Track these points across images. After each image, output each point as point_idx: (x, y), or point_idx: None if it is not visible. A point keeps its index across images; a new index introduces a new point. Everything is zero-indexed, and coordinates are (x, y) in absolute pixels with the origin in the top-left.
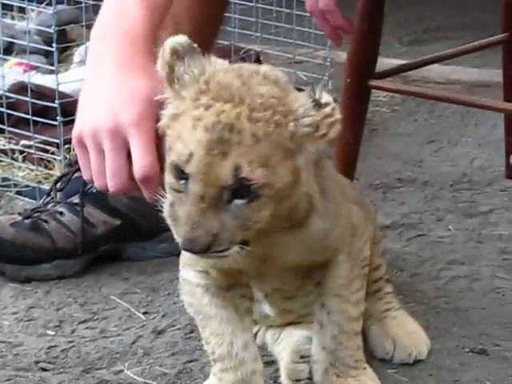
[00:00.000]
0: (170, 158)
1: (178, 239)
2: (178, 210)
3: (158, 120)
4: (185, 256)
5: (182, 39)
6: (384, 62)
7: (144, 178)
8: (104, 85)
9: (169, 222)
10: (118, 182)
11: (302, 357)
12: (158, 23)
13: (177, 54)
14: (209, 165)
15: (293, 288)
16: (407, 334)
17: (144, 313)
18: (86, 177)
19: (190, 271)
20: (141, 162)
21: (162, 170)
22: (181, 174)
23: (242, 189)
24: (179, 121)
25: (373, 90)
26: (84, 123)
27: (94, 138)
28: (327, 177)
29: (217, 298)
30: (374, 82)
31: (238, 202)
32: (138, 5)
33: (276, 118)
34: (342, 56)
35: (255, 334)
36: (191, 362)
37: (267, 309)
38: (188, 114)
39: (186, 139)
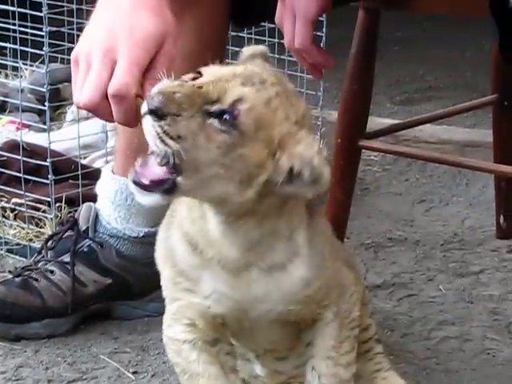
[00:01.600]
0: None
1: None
2: None
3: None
4: (171, 311)
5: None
6: (375, 121)
7: (115, 94)
8: (109, 16)
9: None
10: (92, 95)
11: None
12: None
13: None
14: (226, 80)
15: (284, 349)
16: None
17: (134, 372)
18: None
19: (175, 327)
20: (118, 79)
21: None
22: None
23: (228, 116)
24: None
25: (364, 150)
26: (82, 44)
27: (88, 56)
28: (318, 230)
29: (204, 353)
30: (364, 143)
31: (214, 122)
32: None
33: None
34: (334, 115)
35: None
36: None
37: (258, 369)
38: None
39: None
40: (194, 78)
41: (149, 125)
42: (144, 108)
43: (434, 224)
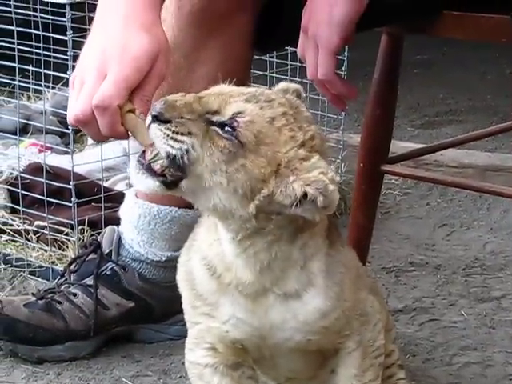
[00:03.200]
0: None
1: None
2: None
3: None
4: (192, 335)
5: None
6: (396, 145)
7: (97, 105)
8: (103, 36)
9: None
10: (82, 108)
11: None
12: None
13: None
14: (230, 95)
15: (306, 377)
16: None
17: None
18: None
19: (197, 352)
20: (101, 91)
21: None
22: None
23: (228, 128)
24: None
25: (386, 175)
26: (78, 67)
27: (82, 76)
28: (338, 260)
29: (226, 378)
30: (386, 167)
31: (217, 129)
32: None
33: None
34: (355, 139)
35: None
36: None
37: None
38: None
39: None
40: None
41: (156, 130)
42: (148, 119)
43: (455, 248)
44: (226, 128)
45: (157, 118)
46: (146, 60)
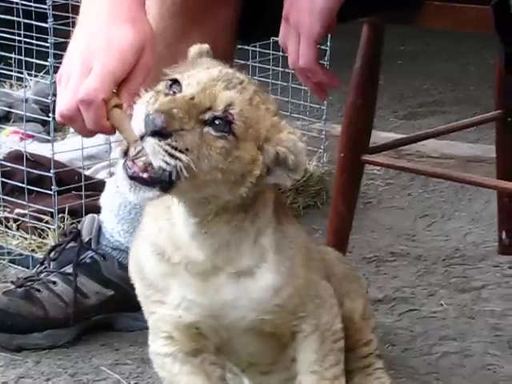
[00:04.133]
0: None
1: (140, 121)
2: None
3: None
4: (150, 326)
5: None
6: (379, 136)
7: (82, 99)
8: (88, 30)
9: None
10: (67, 104)
11: None
12: None
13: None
14: (211, 86)
15: (267, 363)
16: None
17: None
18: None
19: (156, 342)
20: (86, 85)
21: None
22: (177, 86)
23: (221, 121)
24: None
25: (367, 164)
26: (64, 62)
27: (68, 71)
28: (289, 238)
29: (186, 365)
30: (367, 157)
31: (210, 130)
32: None
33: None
34: (337, 129)
35: None
36: None
37: (247, 383)
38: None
39: (197, 72)
40: (171, 85)
41: (154, 145)
42: (140, 127)
43: (435, 239)
44: (218, 122)
45: (157, 133)
46: (132, 52)
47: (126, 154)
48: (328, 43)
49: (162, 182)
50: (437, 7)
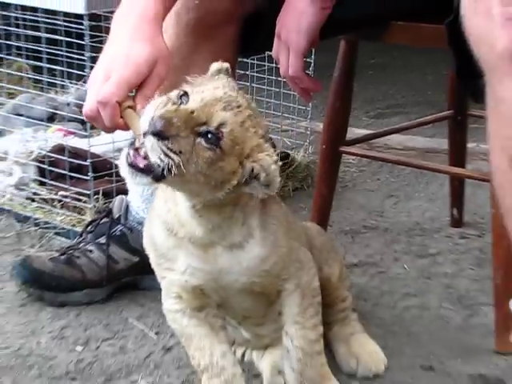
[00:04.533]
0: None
1: (146, 121)
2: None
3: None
4: (163, 287)
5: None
6: (353, 132)
7: (99, 100)
8: (113, 47)
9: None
10: (89, 105)
11: (279, 372)
12: (167, 6)
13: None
14: (212, 105)
15: (258, 316)
16: (368, 353)
17: (156, 333)
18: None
19: (168, 301)
20: (103, 89)
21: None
22: (185, 98)
23: (212, 136)
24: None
25: (344, 154)
26: (93, 71)
27: (94, 79)
28: (272, 216)
29: (193, 319)
30: (344, 149)
31: (202, 141)
32: None
33: (254, 140)
34: (320, 126)
35: (243, 353)
36: (193, 374)
37: (244, 334)
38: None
39: (206, 89)
40: (181, 96)
41: (153, 143)
42: (144, 127)
43: (399, 215)
44: (210, 136)
45: (157, 135)
46: (146, 65)
47: (131, 145)
48: (312, 56)
49: (153, 173)
50: (400, 26)
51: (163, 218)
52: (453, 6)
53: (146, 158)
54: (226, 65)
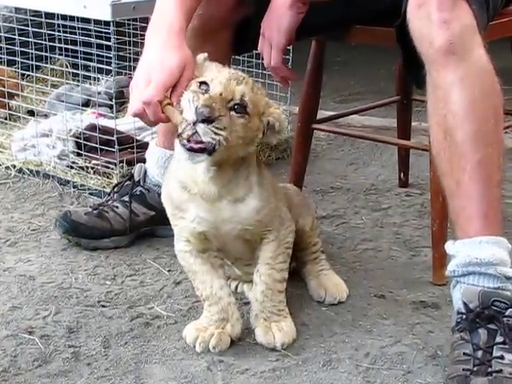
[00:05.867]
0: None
1: (191, 112)
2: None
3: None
4: (175, 233)
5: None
6: (323, 114)
7: (144, 101)
8: (149, 56)
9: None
10: (135, 105)
11: None
12: (189, 20)
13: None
14: (229, 84)
15: (247, 258)
16: (334, 285)
17: (168, 270)
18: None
19: (179, 243)
20: (146, 92)
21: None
22: (205, 85)
23: (239, 106)
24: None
25: (315, 131)
26: (135, 76)
27: (136, 83)
28: (265, 177)
29: (198, 259)
30: (315, 126)
31: (234, 114)
32: (173, 7)
33: (263, 100)
34: (296, 109)
35: (236, 286)
36: (197, 302)
37: (236, 271)
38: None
39: (215, 75)
40: (201, 84)
41: (205, 128)
42: (192, 116)
43: (359, 178)
44: (237, 107)
45: (205, 121)
46: (177, 70)
47: (179, 135)
48: (290, 54)
49: (208, 150)
50: (360, 29)
51: (179, 178)
52: (401, 12)
53: (196, 142)
54: (205, 55)
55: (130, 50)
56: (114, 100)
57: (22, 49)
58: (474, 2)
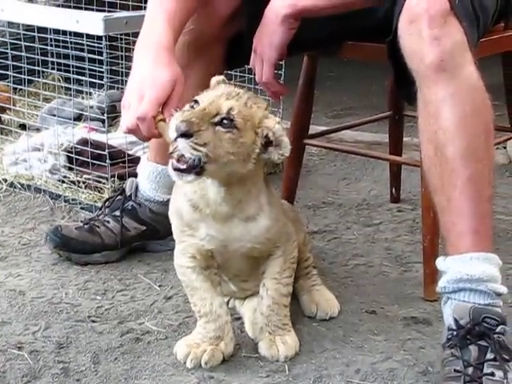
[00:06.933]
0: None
1: (173, 129)
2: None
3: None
4: (179, 248)
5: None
6: (315, 129)
7: (139, 116)
8: (140, 72)
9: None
10: (129, 121)
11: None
12: (177, 35)
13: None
14: (217, 99)
15: (245, 275)
16: (325, 300)
17: (159, 285)
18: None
19: (182, 258)
20: (140, 108)
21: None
22: (196, 104)
23: (226, 120)
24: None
25: (307, 146)
26: (125, 94)
27: (128, 101)
28: (274, 196)
29: (200, 275)
30: (307, 141)
31: (220, 128)
32: (162, 22)
33: (260, 112)
34: (288, 124)
35: (228, 301)
36: (188, 317)
37: (232, 287)
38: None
39: (210, 93)
40: (193, 105)
41: (183, 143)
42: (173, 133)
43: (351, 193)
44: (225, 122)
45: (183, 135)
46: (169, 85)
47: (170, 153)
48: (283, 69)
49: (195, 169)
50: (351, 45)
51: (189, 196)
52: (392, 28)
53: (181, 160)
54: (222, 77)
55: (122, 64)
56: (105, 114)
57: (15, 63)
58: (464, 19)
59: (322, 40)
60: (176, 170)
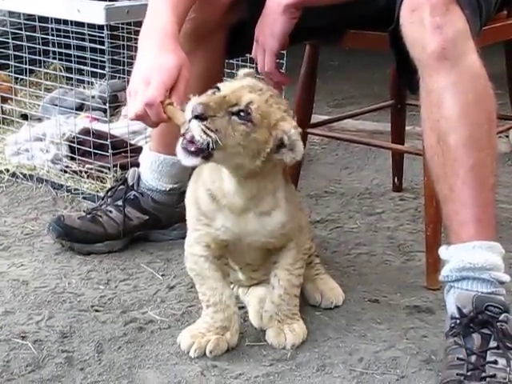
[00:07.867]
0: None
1: (189, 110)
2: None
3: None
4: (193, 236)
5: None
6: (317, 118)
7: (146, 102)
8: (146, 59)
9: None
10: (137, 108)
11: (261, 301)
12: (181, 23)
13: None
14: (238, 90)
15: (257, 264)
16: (330, 289)
17: (162, 275)
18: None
19: (196, 247)
20: (147, 93)
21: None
22: (217, 90)
23: (243, 113)
24: None
25: (309, 135)
26: (132, 82)
27: (135, 88)
28: (291, 192)
29: (213, 265)
30: (310, 130)
31: (236, 118)
32: (165, 10)
33: (278, 113)
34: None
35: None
36: (191, 306)
37: (240, 275)
38: None
39: (233, 83)
40: (214, 92)
41: (195, 124)
42: (188, 114)
43: (353, 182)
44: (242, 114)
45: (198, 117)
46: (175, 70)
47: (182, 135)
48: (285, 59)
49: (203, 153)
50: (353, 34)
51: (208, 186)
52: (394, 17)
53: (192, 142)
54: (252, 71)
55: (123, 53)
56: (107, 104)
57: (16, 52)
58: (466, 7)
59: (323, 29)
60: (184, 149)
